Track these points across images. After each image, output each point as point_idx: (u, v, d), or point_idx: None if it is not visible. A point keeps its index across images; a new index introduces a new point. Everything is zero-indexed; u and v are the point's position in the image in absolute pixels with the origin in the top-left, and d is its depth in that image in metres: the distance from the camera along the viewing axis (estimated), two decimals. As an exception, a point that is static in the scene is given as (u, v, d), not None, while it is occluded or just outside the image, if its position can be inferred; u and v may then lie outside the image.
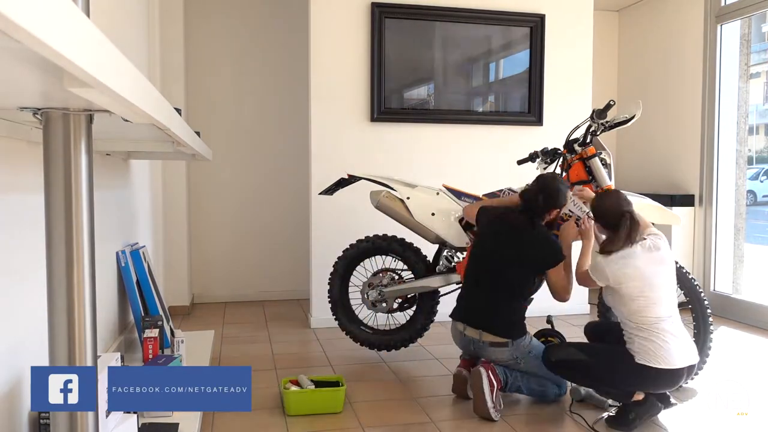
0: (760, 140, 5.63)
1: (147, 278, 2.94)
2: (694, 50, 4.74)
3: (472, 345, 2.75)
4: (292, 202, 5.03)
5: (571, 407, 2.68)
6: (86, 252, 1.09)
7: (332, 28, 4.14)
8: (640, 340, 2.41)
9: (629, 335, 2.46)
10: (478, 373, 2.59)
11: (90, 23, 0.67)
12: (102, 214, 2.50)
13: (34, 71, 0.77)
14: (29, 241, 1.65)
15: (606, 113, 3.07)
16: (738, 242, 4.61)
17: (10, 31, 0.49)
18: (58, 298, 1.07)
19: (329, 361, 3.42)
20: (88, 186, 1.09)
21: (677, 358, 2.39)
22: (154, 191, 4.22)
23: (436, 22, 4.28)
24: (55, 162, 1.06)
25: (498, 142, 4.38)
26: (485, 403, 2.55)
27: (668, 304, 2.47)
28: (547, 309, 3.52)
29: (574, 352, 2.57)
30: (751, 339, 3.95)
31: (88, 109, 1.06)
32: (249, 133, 5.04)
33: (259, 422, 2.53)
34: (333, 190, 3.42)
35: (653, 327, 2.40)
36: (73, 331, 1.08)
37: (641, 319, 2.42)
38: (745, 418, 2.58)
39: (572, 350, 2.59)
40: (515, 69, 4.54)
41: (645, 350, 2.39)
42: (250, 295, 5.06)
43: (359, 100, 4.20)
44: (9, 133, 1.48)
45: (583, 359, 2.52)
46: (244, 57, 5.00)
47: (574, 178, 3.09)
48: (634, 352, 2.42)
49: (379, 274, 3.37)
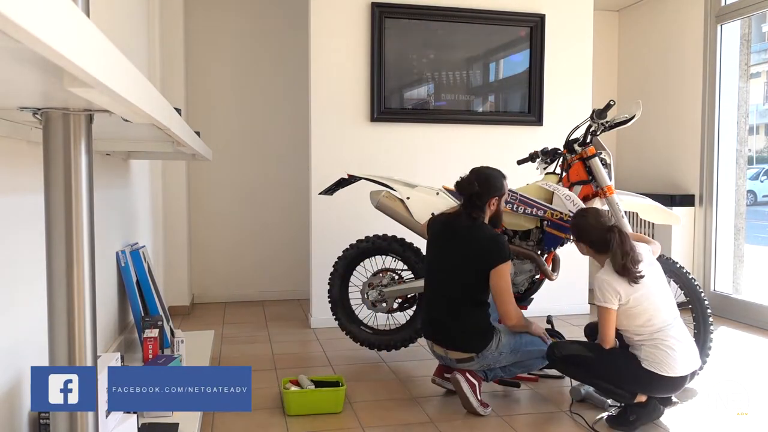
0: (760, 140, 5.63)
1: (147, 278, 2.94)
2: (694, 50, 4.74)
3: (442, 360, 2.80)
4: (292, 202, 5.03)
5: (571, 407, 2.68)
6: (86, 252, 1.09)
7: (332, 28, 4.14)
8: (648, 347, 2.41)
9: (636, 344, 2.46)
10: (456, 380, 2.64)
11: (90, 23, 0.67)
12: (102, 214, 2.50)
13: (34, 71, 0.77)
14: (29, 241, 1.65)
15: (606, 113, 3.07)
16: (738, 242, 4.61)
17: (10, 31, 0.49)
18: (58, 298, 1.07)
19: (329, 361, 3.42)
20: (88, 186, 1.09)
21: (683, 366, 2.41)
22: (154, 191, 4.22)
23: (436, 22, 4.28)
24: (55, 162, 1.06)
25: (498, 142, 4.38)
26: (471, 404, 2.62)
27: (670, 306, 2.47)
28: (547, 309, 3.53)
29: (581, 349, 2.56)
30: (751, 339, 3.95)
31: (88, 109, 1.06)
32: (249, 133, 5.05)
33: (259, 422, 2.53)
34: (333, 190, 3.42)
35: (660, 335, 2.40)
36: (73, 331, 1.08)
37: (649, 329, 2.42)
38: (745, 418, 2.58)
39: (579, 347, 2.58)
40: (515, 69, 4.54)
41: (653, 357, 2.40)
42: (250, 295, 5.06)
43: (359, 100, 4.20)
44: (9, 133, 1.48)
45: (589, 357, 2.51)
46: (244, 57, 5.00)
47: (574, 178, 3.09)
48: (641, 358, 2.42)
49: (379, 274, 3.37)
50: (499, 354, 2.65)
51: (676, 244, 4.69)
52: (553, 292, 3.73)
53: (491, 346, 2.63)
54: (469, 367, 2.67)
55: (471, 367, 2.67)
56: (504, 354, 2.66)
